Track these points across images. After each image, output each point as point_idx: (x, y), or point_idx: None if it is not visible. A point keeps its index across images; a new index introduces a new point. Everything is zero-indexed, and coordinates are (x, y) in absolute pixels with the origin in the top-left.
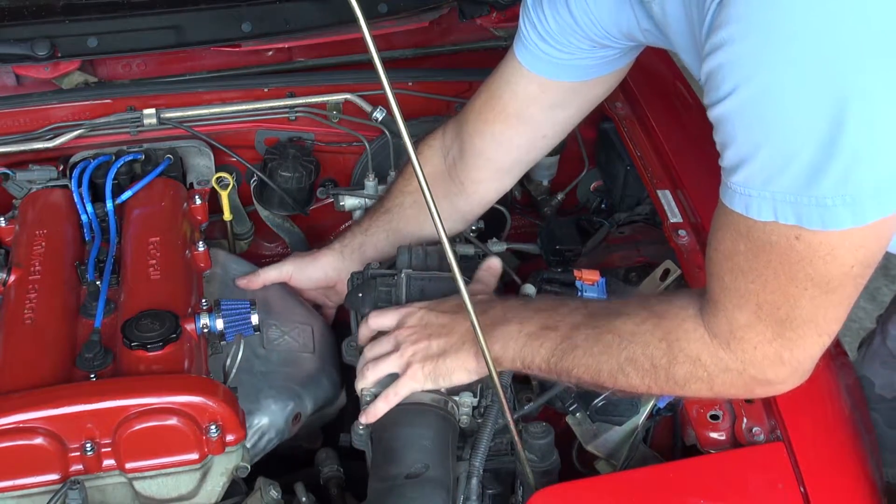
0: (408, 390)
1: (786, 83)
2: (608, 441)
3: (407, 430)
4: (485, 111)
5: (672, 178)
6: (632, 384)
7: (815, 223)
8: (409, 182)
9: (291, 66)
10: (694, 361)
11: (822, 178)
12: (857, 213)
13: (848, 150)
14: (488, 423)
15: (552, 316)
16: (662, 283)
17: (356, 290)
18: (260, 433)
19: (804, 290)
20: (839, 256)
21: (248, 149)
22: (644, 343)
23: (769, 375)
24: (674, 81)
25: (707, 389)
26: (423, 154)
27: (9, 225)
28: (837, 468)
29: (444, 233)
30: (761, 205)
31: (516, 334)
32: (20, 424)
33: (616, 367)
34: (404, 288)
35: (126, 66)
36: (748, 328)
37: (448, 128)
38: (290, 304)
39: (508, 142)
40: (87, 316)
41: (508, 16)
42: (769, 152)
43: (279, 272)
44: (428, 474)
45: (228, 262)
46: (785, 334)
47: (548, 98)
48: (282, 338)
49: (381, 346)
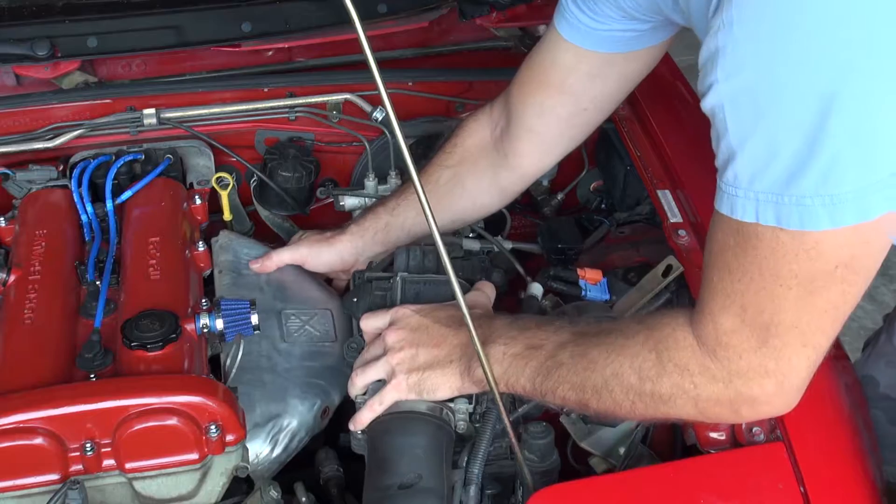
0: (391, 400)
1: (774, 77)
2: (602, 438)
3: (399, 439)
4: (528, 82)
5: (672, 178)
6: (616, 400)
7: (793, 223)
8: (450, 156)
9: (291, 66)
10: (682, 371)
11: (803, 177)
12: (835, 214)
13: (829, 150)
14: (486, 430)
15: (537, 335)
16: (665, 279)
17: (351, 294)
18: (290, 435)
19: (788, 289)
20: (824, 253)
21: (248, 149)
22: (633, 355)
23: (755, 390)
24: (674, 81)
25: (692, 406)
26: (468, 127)
27: (9, 225)
28: (837, 468)
29: (440, 239)
30: (745, 205)
31: (501, 356)
32: (20, 424)
33: (601, 382)
34: (399, 292)
35: (126, 66)
36: (733, 333)
37: (497, 102)
38: (306, 286)
39: (550, 112)
40: (87, 316)
41: (508, 16)
42: (754, 146)
43: (293, 254)
44: (421, 484)
45: (239, 248)
46: (769, 342)
47: (584, 68)
48: (302, 328)
49: (372, 349)
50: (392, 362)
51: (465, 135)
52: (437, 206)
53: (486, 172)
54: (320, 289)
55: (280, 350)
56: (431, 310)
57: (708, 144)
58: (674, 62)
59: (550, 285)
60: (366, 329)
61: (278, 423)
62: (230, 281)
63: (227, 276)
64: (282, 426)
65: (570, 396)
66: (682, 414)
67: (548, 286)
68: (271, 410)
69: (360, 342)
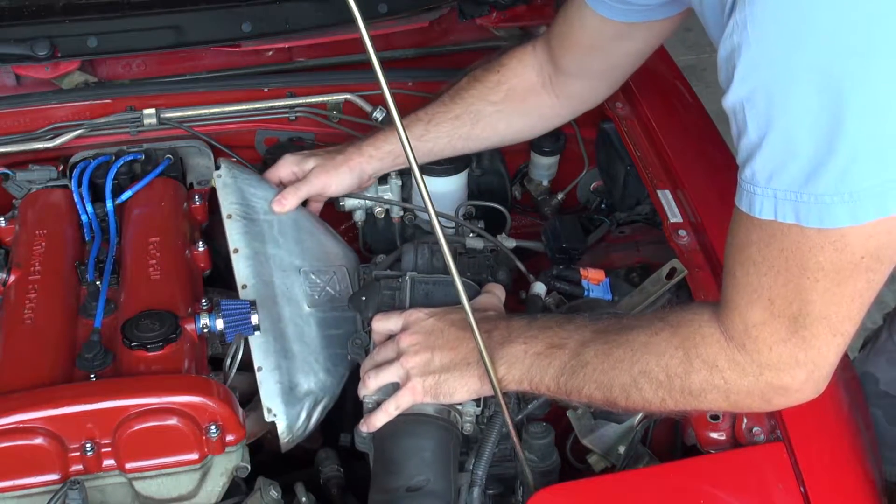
0: (407, 403)
1: (789, 77)
2: (604, 436)
3: (407, 442)
4: (565, 38)
5: (672, 178)
6: (646, 398)
7: (812, 220)
8: (495, 92)
9: (291, 66)
10: (711, 367)
11: (822, 175)
12: (855, 211)
13: (846, 149)
14: (492, 433)
15: (558, 333)
16: (669, 281)
17: (359, 292)
18: (323, 408)
19: (815, 281)
20: (849, 245)
21: (248, 149)
22: (659, 353)
23: (785, 380)
24: (674, 81)
25: (724, 399)
26: (511, 66)
27: (9, 225)
28: (837, 468)
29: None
30: (764, 202)
31: (522, 355)
32: (20, 424)
33: (629, 381)
34: (408, 292)
35: (126, 66)
36: (762, 326)
37: (539, 45)
38: (320, 237)
39: (588, 66)
40: (87, 316)
41: (508, 16)
42: (773, 145)
43: (311, 188)
44: (428, 487)
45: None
46: (799, 332)
47: (610, 32)
48: (323, 290)
49: (384, 352)
50: (407, 366)
51: (511, 74)
52: (476, 136)
53: (534, 110)
54: (333, 239)
55: (304, 317)
56: (445, 313)
57: (708, 144)
58: (674, 62)
59: (553, 285)
60: (377, 330)
61: (312, 397)
62: (242, 229)
63: (238, 222)
64: (316, 400)
65: (596, 395)
66: (713, 407)
67: (551, 286)
68: (307, 385)
69: (364, 338)
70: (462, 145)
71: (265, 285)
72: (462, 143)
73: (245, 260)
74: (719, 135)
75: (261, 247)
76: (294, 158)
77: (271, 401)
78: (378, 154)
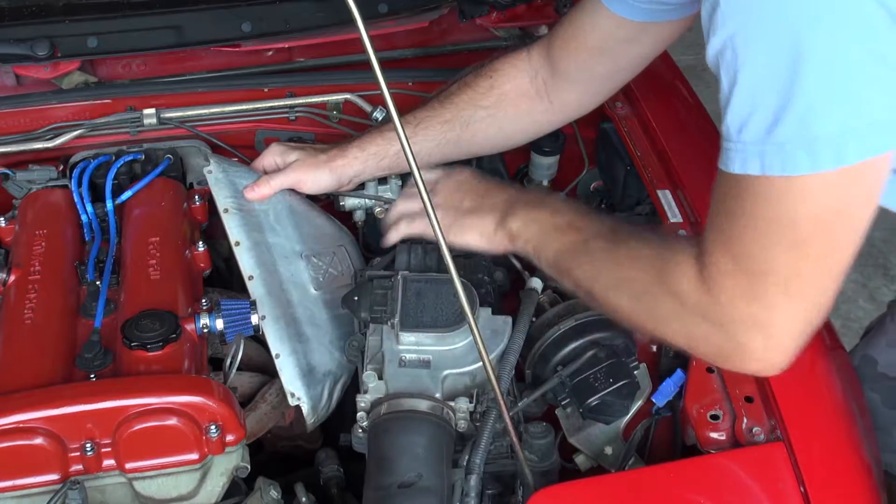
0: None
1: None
2: (591, 436)
3: (400, 438)
4: (570, 39)
5: (672, 178)
6: (620, 305)
7: (775, 168)
8: (486, 97)
9: (291, 66)
10: (680, 298)
11: (782, 123)
12: (815, 157)
13: (804, 97)
14: (488, 422)
15: (583, 219)
16: None
17: (352, 292)
18: (341, 388)
19: (780, 236)
20: (812, 194)
21: (248, 149)
22: (645, 268)
23: (742, 338)
24: (674, 81)
25: (683, 336)
26: (504, 71)
27: (9, 225)
28: (837, 468)
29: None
30: (735, 157)
31: (544, 219)
32: (20, 424)
33: (612, 281)
34: (400, 290)
35: (126, 66)
36: (729, 275)
37: (536, 50)
38: (315, 220)
39: (591, 70)
40: (87, 316)
41: (508, 16)
42: (740, 97)
43: (287, 179)
44: (421, 483)
45: (237, 179)
46: (759, 291)
47: (622, 34)
48: (326, 272)
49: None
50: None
51: (504, 79)
52: (466, 140)
53: (525, 115)
54: (327, 220)
55: (312, 300)
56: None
57: (708, 144)
58: (674, 62)
59: (550, 284)
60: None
61: (332, 377)
62: (240, 222)
63: (236, 215)
64: (336, 378)
65: (582, 283)
66: (673, 341)
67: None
68: (324, 366)
69: (360, 340)
70: (451, 150)
71: (271, 274)
72: (451, 148)
73: (248, 252)
74: (719, 135)
75: (261, 237)
76: (279, 149)
77: (293, 384)
78: (362, 156)
